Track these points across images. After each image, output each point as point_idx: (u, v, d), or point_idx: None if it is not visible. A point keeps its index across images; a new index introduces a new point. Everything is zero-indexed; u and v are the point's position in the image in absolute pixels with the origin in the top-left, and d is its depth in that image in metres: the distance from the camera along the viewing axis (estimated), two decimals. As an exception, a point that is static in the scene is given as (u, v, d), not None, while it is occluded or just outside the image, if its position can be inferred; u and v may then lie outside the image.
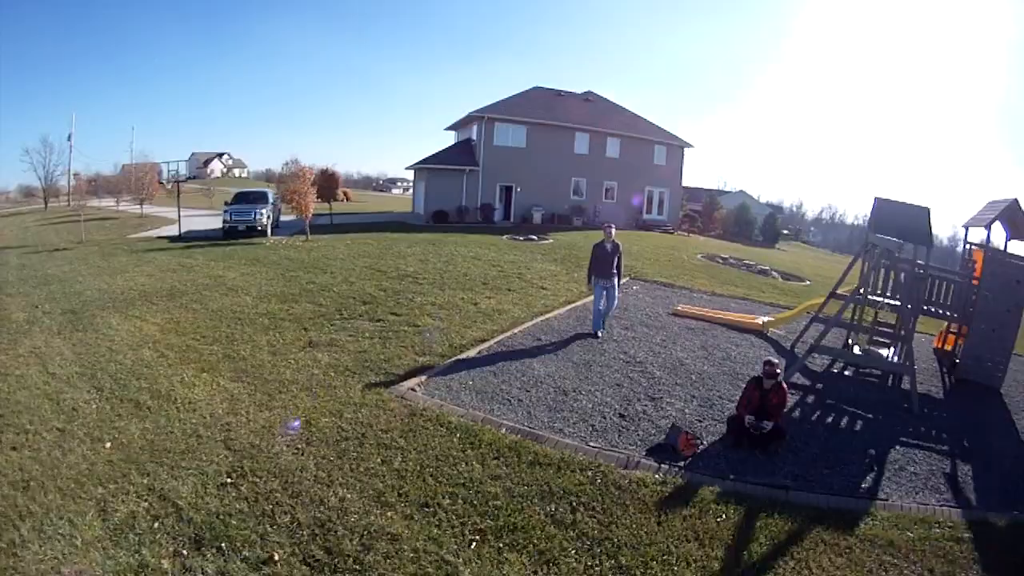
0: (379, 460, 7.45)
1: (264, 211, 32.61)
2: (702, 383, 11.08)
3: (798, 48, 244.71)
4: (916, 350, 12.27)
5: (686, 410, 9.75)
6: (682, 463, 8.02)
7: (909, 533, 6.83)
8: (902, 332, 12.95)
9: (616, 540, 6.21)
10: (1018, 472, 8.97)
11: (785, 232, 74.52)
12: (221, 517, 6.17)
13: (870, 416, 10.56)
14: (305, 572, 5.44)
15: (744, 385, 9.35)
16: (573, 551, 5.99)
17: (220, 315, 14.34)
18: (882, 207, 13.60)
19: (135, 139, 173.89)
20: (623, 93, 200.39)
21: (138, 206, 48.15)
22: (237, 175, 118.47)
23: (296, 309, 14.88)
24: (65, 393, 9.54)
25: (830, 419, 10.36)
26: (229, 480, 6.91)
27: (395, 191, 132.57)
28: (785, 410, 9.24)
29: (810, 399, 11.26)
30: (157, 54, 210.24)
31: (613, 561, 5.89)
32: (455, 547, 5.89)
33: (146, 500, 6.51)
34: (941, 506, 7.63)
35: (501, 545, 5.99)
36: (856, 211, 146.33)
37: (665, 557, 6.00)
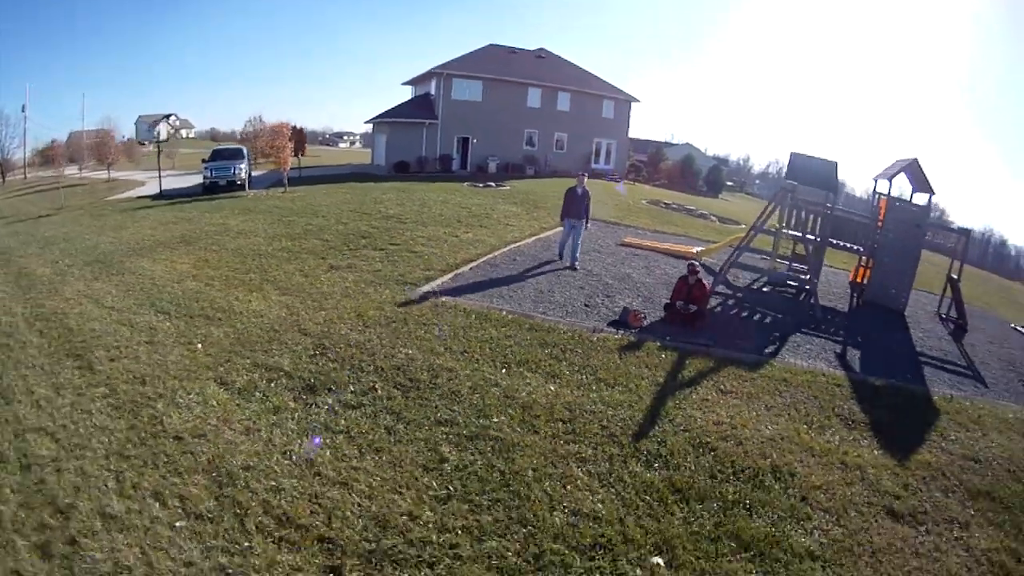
0: (423, 331, 10.57)
1: (242, 166, 34.49)
2: (645, 288, 14.41)
3: (751, 4, 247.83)
4: (833, 282, 15.87)
5: (633, 303, 13.05)
6: (632, 331, 11.38)
7: (799, 377, 10.22)
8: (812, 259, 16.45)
9: (594, 365, 9.60)
10: (899, 359, 12.34)
11: (730, 184, 77.11)
12: (322, 373, 8.96)
13: (779, 316, 14.00)
14: (397, 393, 8.42)
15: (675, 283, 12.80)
16: (567, 371, 9.35)
17: (241, 253, 16.64)
18: (796, 160, 16.98)
19: (88, 106, 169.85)
20: (576, 49, 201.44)
21: (99, 172, 48.75)
22: (184, 136, 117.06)
23: (307, 244, 17.51)
24: (136, 318, 11.38)
25: (746, 314, 13.91)
26: (316, 353, 9.69)
27: (342, 145, 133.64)
28: (706, 302, 12.73)
29: (731, 303, 14.71)
30: (96, 19, 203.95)
31: (594, 376, 9.27)
32: (492, 372, 9.12)
33: (256, 372, 8.95)
34: (829, 368, 11.03)
35: (522, 370, 9.28)
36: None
37: (627, 374, 9.41)
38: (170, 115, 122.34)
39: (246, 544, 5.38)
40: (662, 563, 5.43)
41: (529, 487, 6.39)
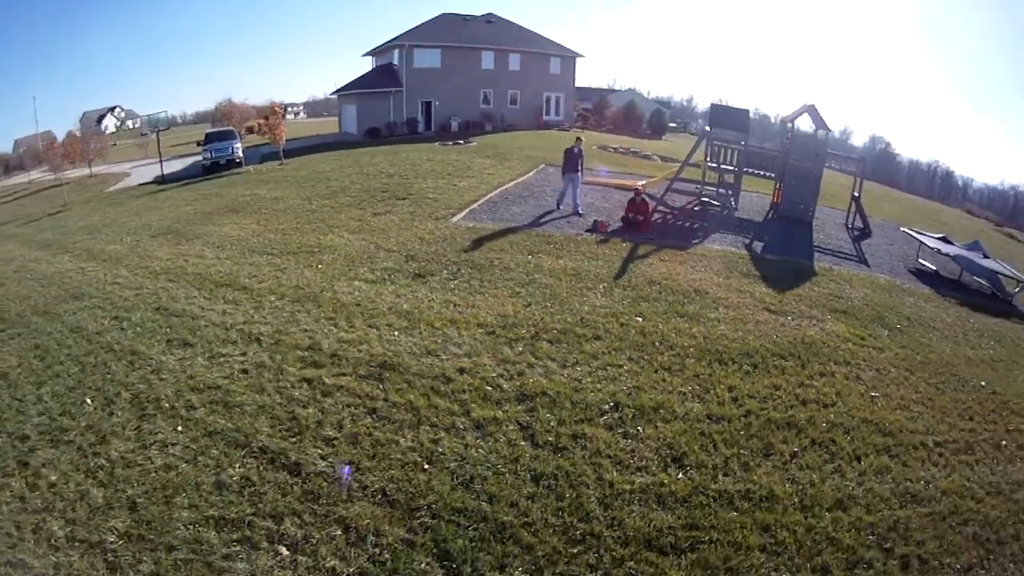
0: (469, 242, 15.93)
1: (238, 145, 37.99)
2: (605, 211, 20.02)
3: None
4: (757, 204, 22.29)
5: (599, 218, 18.71)
6: (601, 235, 17.20)
7: (714, 254, 16.05)
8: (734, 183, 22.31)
9: (583, 251, 15.38)
10: (795, 248, 17.83)
11: (672, 125, 79.76)
12: (420, 268, 13.56)
13: (705, 224, 19.75)
14: (474, 271, 13.29)
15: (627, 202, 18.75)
16: (567, 254, 15.05)
17: (291, 212, 19.97)
18: (715, 108, 22.62)
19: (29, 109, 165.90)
20: (520, 6, 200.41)
21: (71, 172, 46.98)
22: (131, 127, 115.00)
23: (342, 200, 21.19)
24: (249, 258, 14.53)
25: (679, 223, 19.81)
26: (408, 259, 14.25)
27: (288, 117, 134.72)
28: (649, 214, 18.72)
29: (669, 217, 20.54)
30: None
31: (584, 256, 14.99)
32: (523, 257, 14.56)
33: (376, 272, 13.05)
34: (737, 250, 16.85)
35: (540, 255, 14.85)
36: (743, 103, 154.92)
37: (603, 254, 15.25)
38: (114, 107, 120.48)
39: (438, 332, 10.18)
40: (641, 319, 11.25)
41: (567, 300, 12.03)
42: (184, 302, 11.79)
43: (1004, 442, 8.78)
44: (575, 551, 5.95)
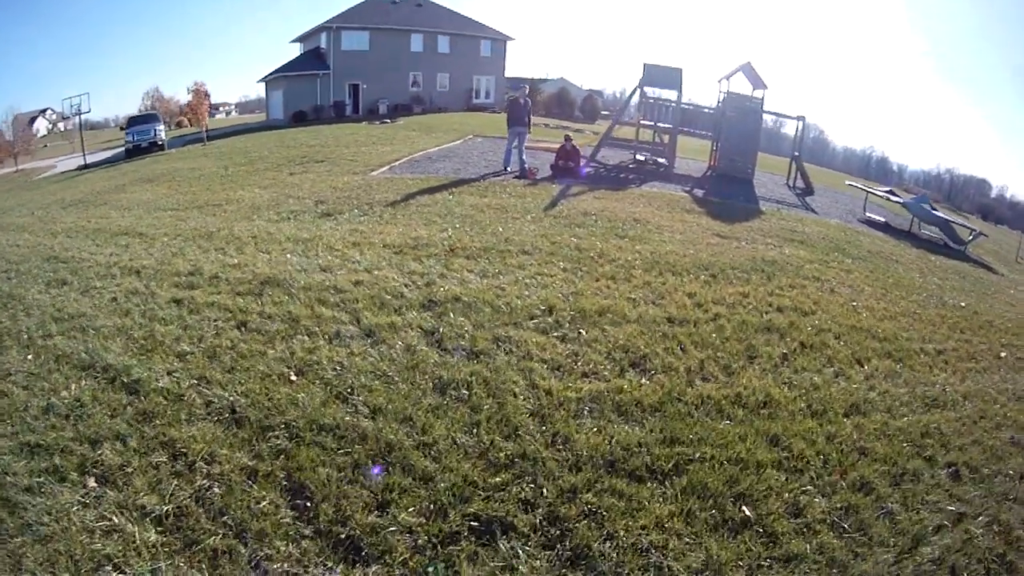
0: (385, 188, 14.31)
1: (161, 128, 36.90)
2: (534, 166, 18.46)
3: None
4: (693, 167, 20.96)
5: (531, 167, 17.13)
6: (530, 182, 15.63)
7: (654, 193, 14.94)
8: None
9: (509, 192, 13.94)
10: (739, 194, 17.10)
11: (605, 113, 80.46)
12: (330, 208, 12.17)
13: (641, 176, 18.45)
14: (387, 209, 11.86)
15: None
16: (491, 195, 13.57)
17: (206, 178, 19.20)
18: (648, 67, 21.25)
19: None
20: None
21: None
22: (63, 129, 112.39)
23: (259, 167, 20.22)
24: (148, 214, 13.91)
25: (614, 175, 18.41)
26: (319, 202, 12.68)
27: (219, 115, 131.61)
28: (579, 160, 17.42)
29: (603, 171, 19.11)
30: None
31: (510, 195, 13.56)
32: (443, 197, 13.11)
33: (282, 214, 11.87)
34: (677, 192, 15.69)
35: (462, 195, 13.37)
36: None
37: (532, 194, 13.80)
38: (46, 110, 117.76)
39: (339, 251, 8.79)
40: (576, 240, 9.70)
41: (489, 225, 10.53)
42: (75, 251, 10.84)
43: (1003, 354, 7.86)
44: (498, 480, 4.24)
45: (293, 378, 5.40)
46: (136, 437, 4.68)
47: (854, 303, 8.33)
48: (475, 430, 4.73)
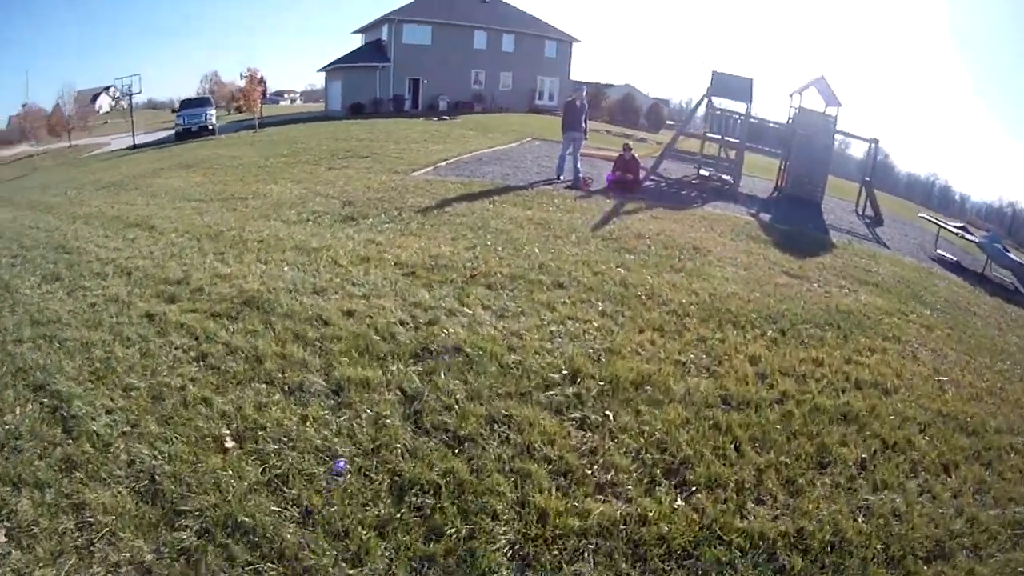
0: (422, 192, 13.20)
1: (212, 112, 36.76)
2: (593, 174, 17.12)
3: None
4: (759, 186, 19.43)
5: (585, 177, 15.81)
6: (583, 193, 14.30)
7: (716, 216, 13.46)
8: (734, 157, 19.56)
9: (556, 204, 12.65)
10: (807, 221, 15.39)
11: (670, 123, 78.88)
12: (354, 212, 11.21)
13: (704, 194, 16.98)
14: (417, 215, 10.81)
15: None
16: (537, 206, 12.28)
17: (243, 167, 18.96)
18: (717, 76, 19.74)
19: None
20: None
21: (54, 144, 48.32)
22: (125, 107, 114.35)
23: (300, 159, 19.76)
24: (176, 204, 13.66)
25: (675, 190, 17.00)
26: (344, 204, 11.83)
27: (283, 103, 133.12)
28: (639, 172, 16.05)
29: (664, 185, 17.68)
30: None
31: (557, 208, 12.25)
32: (483, 205, 11.91)
33: (302, 215, 11.15)
34: (742, 215, 14.19)
35: (504, 205, 12.14)
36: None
37: (581, 208, 12.48)
38: (109, 87, 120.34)
39: (343, 270, 7.79)
40: (623, 270, 8.32)
41: (525, 244, 9.23)
42: (83, 241, 10.67)
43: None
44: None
45: (229, 444, 4.38)
46: (54, 490, 4.00)
47: (939, 377, 6.79)
48: (425, 569, 3.45)
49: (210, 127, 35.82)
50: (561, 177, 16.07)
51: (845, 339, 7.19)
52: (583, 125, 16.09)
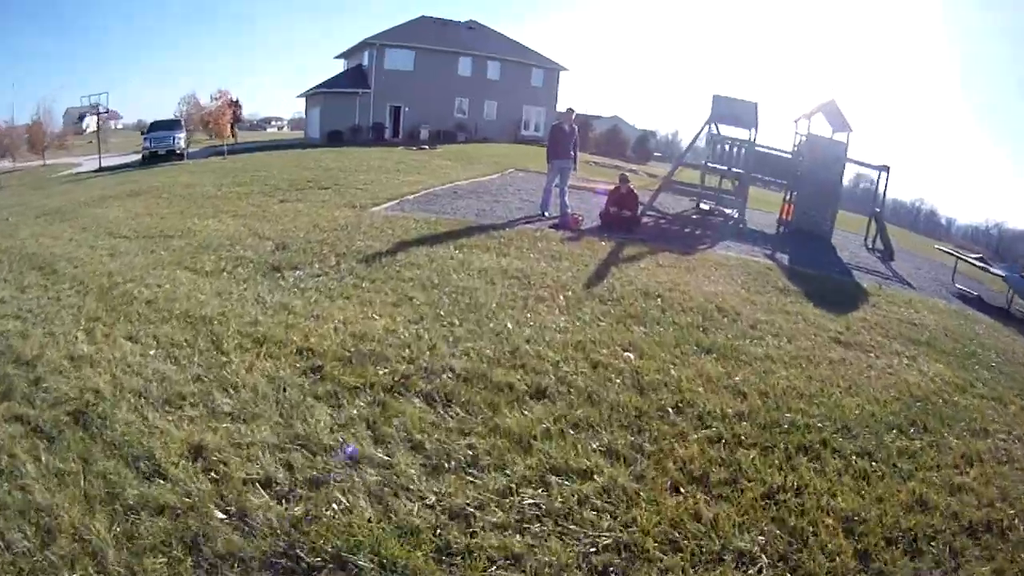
0: (377, 232, 10.92)
1: (181, 136, 35.06)
2: (584, 209, 14.89)
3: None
4: (762, 220, 17.41)
5: (574, 214, 13.54)
6: (572, 232, 12.04)
7: (733, 262, 11.19)
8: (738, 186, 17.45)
9: (539, 248, 10.33)
10: (826, 262, 13.42)
11: (658, 155, 78.46)
12: (285, 259, 9.13)
13: (708, 232, 14.89)
14: (360, 265, 8.63)
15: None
16: (515, 252, 9.98)
17: (191, 197, 16.91)
18: (718, 100, 17.70)
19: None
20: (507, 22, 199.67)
21: (31, 162, 47.47)
22: (113, 127, 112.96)
23: (255, 188, 17.64)
24: (97, 242, 12.07)
25: (676, 227, 14.80)
26: (277, 248, 9.76)
27: (270, 130, 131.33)
28: (637, 208, 13.88)
29: (663, 222, 15.56)
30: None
31: (540, 254, 9.96)
32: (446, 251, 9.62)
33: (221, 261, 9.12)
34: (759, 259, 12.03)
35: (475, 250, 9.85)
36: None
37: (571, 254, 10.15)
38: (97, 106, 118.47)
39: (223, 359, 5.65)
40: (632, 355, 6.00)
41: (495, 313, 6.91)
42: None
43: None
44: None
45: None
46: None
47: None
48: None
49: (178, 151, 34.36)
50: (546, 214, 13.79)
51: (938, 449, 5.08)
52: (572, 153, 13.89)
